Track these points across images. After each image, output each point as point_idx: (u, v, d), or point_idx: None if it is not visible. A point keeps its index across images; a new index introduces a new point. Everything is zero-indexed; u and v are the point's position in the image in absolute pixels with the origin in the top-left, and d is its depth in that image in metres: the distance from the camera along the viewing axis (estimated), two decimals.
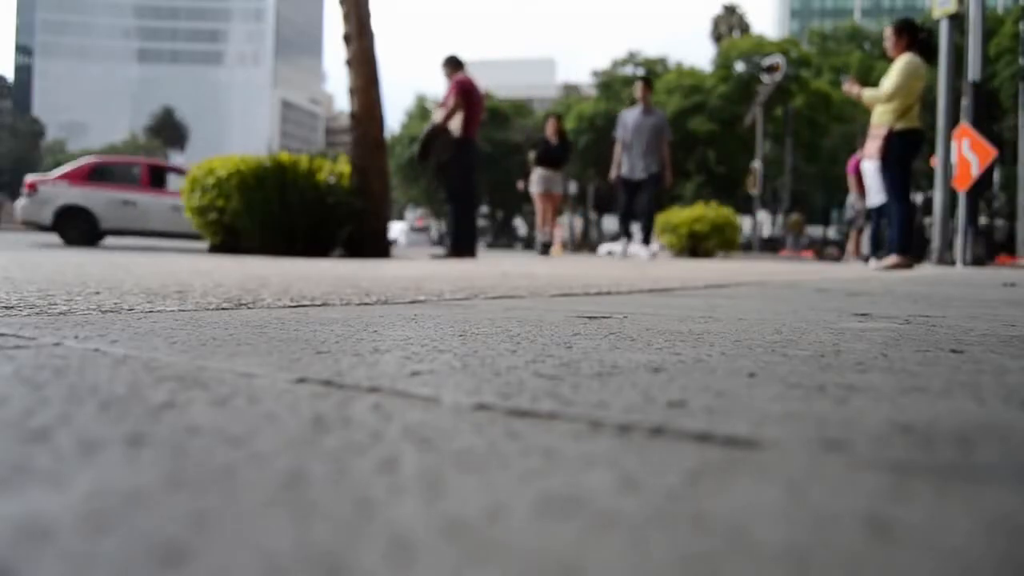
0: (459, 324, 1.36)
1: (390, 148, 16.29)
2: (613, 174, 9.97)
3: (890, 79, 6.52)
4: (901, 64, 6.49)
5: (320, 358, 0.91)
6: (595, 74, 49.93)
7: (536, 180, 10.93)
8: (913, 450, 0.55)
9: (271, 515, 0.38)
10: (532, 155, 11.07)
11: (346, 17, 6.67)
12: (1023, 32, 34.26)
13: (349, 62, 6.69)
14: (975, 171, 9.51)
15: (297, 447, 0.51)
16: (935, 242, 9.97)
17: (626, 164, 9.76)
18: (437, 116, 7.83)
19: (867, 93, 6.68)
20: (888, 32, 6.86)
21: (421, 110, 51.62)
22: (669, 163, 9.92)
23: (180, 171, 11.94)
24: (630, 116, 9.89)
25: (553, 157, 11.04)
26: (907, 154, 6.64)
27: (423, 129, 7.96)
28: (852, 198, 11.72)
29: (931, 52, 6.41)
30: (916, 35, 6.67)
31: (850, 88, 6.92)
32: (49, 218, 11.27)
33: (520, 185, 11.38)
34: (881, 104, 6.57)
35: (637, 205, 9.69)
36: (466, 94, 7.70)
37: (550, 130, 11.22)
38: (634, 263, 6.71)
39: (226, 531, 0.36)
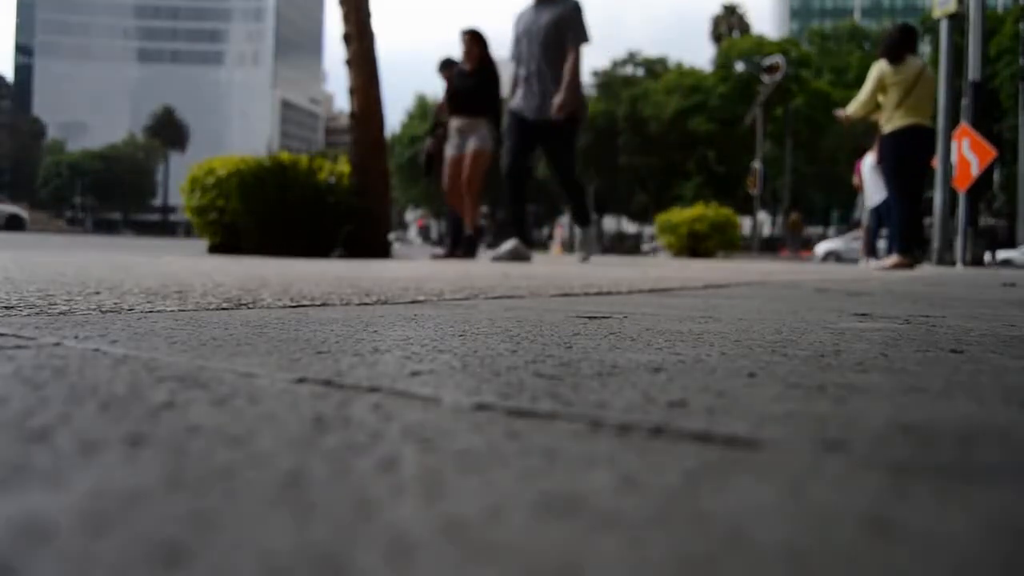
0: (459, 324, 1.36)
1: (390, 148, 16.27)
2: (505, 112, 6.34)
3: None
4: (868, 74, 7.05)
5: (320, 358, 0.91)
6: (595, 74, 49.92)
7: (450, 136, 6.80)
8: (913, 450, 0.55)
9: (271, 515, 0.38)
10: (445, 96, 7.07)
11: (346, 17, 6.67)
12: (1023, 32, 34.26)
13: (349, 62, 6.69)
14: (975, 171, 9.52)
15: (297, 447, 0.51)
16: (935, 242, 9.98)
17: (518, 92, 6.14)
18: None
19: (850, 108, 7.14)
20: None
21: (421, 110, 51.62)
22: (574, 82, 5.81)
23: None
24: (523, 16, 6.12)
25: (464, 92, 6.57)
26: (905, 153, 6.67)
27: (426, 142, 7.83)
28: (862, 198, 11.77)
29: (892, 52, 6.80)
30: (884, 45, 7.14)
31: (841, 113, 7.41)
32: None
33: (427, 145, 7.40)
34: (875, 114, 7.03)
35: (557, 172, 6.19)
36: None
37: (464, 54, 6.71)
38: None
39: (226, 531, 0.36)
